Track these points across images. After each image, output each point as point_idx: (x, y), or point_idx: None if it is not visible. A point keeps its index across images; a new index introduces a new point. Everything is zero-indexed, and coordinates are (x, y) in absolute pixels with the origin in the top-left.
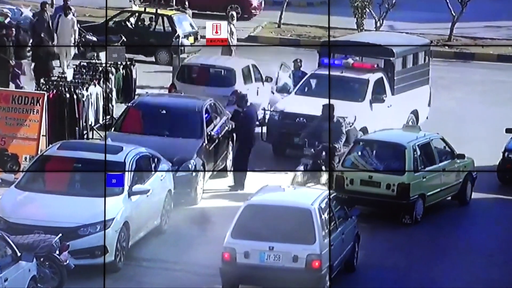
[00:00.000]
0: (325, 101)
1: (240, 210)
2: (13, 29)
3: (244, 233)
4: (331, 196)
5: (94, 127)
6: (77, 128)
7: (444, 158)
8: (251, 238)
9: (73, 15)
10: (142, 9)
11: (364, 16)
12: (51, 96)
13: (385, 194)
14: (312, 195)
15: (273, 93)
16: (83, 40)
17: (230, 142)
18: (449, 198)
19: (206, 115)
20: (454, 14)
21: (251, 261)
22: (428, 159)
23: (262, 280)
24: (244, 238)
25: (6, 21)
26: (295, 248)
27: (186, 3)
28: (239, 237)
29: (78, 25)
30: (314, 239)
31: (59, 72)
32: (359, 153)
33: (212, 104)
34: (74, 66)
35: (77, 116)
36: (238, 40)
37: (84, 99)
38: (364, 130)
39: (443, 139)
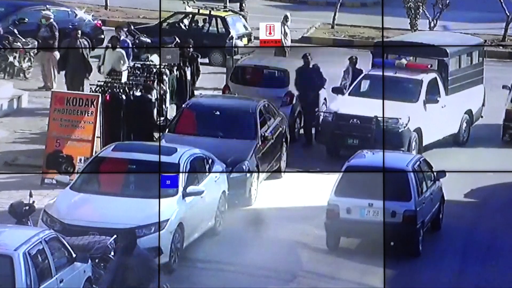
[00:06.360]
0: (379, 102)
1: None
2: (55, 32)
3: (345, 191)
4: (421, 160)
5: None
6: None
7: None
8: (352, 196)
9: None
10: (196, 11)
11: (418, 16)
12: (108, 98)
13: None
14: (406, 158)
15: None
16: (137, 42)
17: (284, 143)
18: None
19: (260, 116)
20: (508, 14)
21: (353, 216)
22: None
23: (362, 233)
24: (345, 196)
25: (47, 23)
26: (393, 204)
27: (244, 4)
28: (341, 195)
29: (132, 27)
30: (410, 197)
31: (113, 73)
32: None
33: (266, 105)
34: (128, 68)
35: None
36: (291, 41)
37: None
38: (418, 131)
39: None
